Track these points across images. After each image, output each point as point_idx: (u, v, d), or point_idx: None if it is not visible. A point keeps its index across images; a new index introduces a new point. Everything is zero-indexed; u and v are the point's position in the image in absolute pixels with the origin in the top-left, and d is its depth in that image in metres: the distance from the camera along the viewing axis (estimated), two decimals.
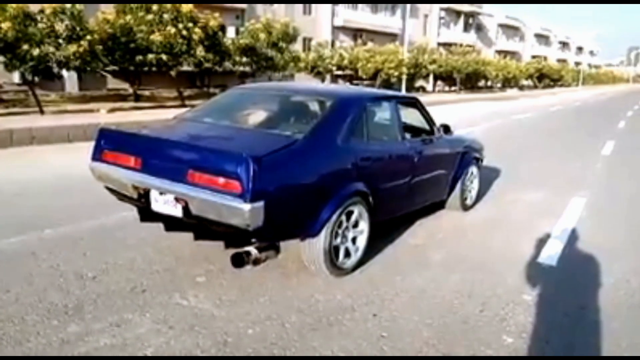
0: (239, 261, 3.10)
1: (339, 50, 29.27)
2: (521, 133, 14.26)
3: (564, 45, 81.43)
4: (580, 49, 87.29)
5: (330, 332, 2.91)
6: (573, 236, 4.86)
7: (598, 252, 4.39)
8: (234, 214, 2.87)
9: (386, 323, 3.04)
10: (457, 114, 17.46)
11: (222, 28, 20.10)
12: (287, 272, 3.68)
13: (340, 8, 34.48)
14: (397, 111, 4.42)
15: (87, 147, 3.93)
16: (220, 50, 16.93)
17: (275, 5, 29.22)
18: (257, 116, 4.12)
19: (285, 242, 3.52)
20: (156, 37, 14.00)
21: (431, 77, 39.43)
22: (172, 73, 15.87)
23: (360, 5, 36.83)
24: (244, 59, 19.29)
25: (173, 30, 14.26)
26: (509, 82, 48.48)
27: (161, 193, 3.22)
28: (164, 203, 3.24)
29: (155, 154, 3.30)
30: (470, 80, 40.31)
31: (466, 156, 5.48)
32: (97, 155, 3.61)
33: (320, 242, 3.38)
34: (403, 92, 25.17)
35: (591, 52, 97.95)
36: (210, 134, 3.67)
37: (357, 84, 32.95)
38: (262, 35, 18.54)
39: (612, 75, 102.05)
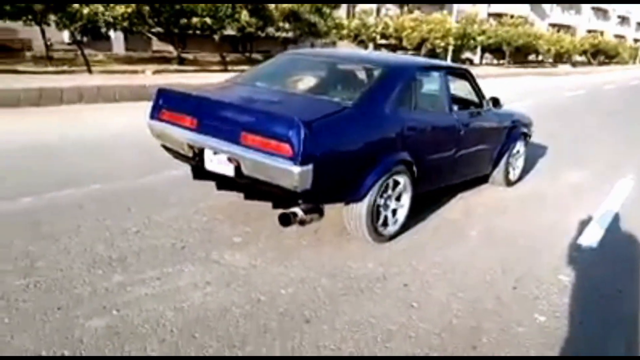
0: (286, 221, 3.19)
1: (384, 19, 28.56)
2: (571, 111, 13.67)
3: (623, 20, 76.39)
4: None
5: (361, 298, 2.96)
6: (617, 219, 4.70)
7: None
8: (284, 176, 2.97)
9: (417, 293, 3.06)
10: (504, 88, 16.86)
11: None
12: (322, 239, 3.74)
13: None
14: (447, 82, 4.41)
15: (134, 107, 4.04)
16: (263, 15, 16.83)
17: None
18: (306, 82, 4.23)
19: (330, 205, 3.55)
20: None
21: (479, 49, 38.03)
22: (216, 37, 15.94)
23: None
24: (287, 25, 19.15)
25: None
26: (561, 57, 46.18)
27: (215, 153, 3.36)
28: (217, 162, 3.38)
29: (211, 115, 3.40)
30: (520, 53, 38.61)
31: (514, 131, 5.39)
32: (155, 114, 3.73)
33: (363, 207, 3.48)
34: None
35: None
36: (262, 98, 3.77)
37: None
38: None
39: None
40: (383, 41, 30.59)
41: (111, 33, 15.18)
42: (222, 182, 3.55)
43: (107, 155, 5.52)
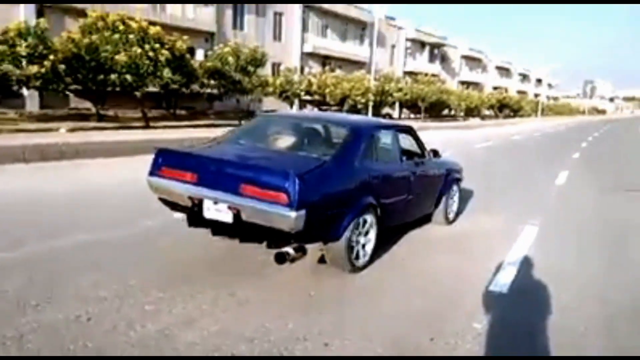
0: (281, 259, 3.75)
1: (308, 76, 29.65)
2: (481, 161, 14.68)
3: (524, 77, 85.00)
4: (539, 81, 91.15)
5: None
6: (525, 263, 4.98)
7: (548, 279, 4.52)
8: (282, 220, 3.52)
9: (337, 352, 3.02)
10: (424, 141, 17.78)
11: (191, 50, 20.15)
12: (241, 301, 3.64)
13: (310, 35, 35.09)
14: (397, 137, 5.28)
15: (41, 167, 3.83)
16: (187, 72, 16.91)
17: (245, 30, 29.52)
18: (285, 140, 4.92)
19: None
20: (121, 57, 13.88)
21: (397, 105, 40.32)
22: (137, 94, 15.70)
23: (329, 33, 37.60)
24: (212, 82, 19.32)
25: (139, 50, 14.18)
26: (471, 111, 50.07)
27: (215, 202, 3.81)
28: (215, 211, 3.83)
29: (210, 171, 3.92)
30: (435, 108, 41.39)
31: (449, 177, 6.34)
32: (155, 171, 4.19)
33: (342, 243, 4.06)
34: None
35: (549, 85, 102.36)
36: (252, 155, 4.39)
37: (325, 110, 33.39)
38: (231, 59, 18.66)
39: (569, 107, 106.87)
40: (307, 97, 31.60)
41: (24, 90, 14.49)
42: (218, 228, 3.98)
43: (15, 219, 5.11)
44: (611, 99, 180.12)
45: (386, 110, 39.40)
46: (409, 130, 5.71)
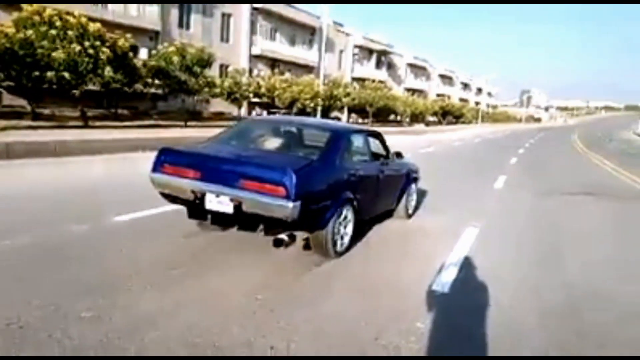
0: (279, 243, 4.51)
1: (256, 79, 29.44)
2: (424, 167, 15.08)
3: (466, 86, 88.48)
4: (479, 90, 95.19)
5: None
6: (466, 264, 5.16)
7: (487, 279, 4.71)
8: (280, 210, 4.09)
9: (283, 355, 3.01)
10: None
11: (134, 49, 19.52)
12: (182, 305, 3.54)
13: (259, 38, 34.88)
14: (367, 141, 6.05)
15: None
16: (130, 71, 16.34)
17: (192, 30, 28.93)
18: (273, 142, 5.51)
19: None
20: (58, 54, 13.21)
21: (346, 110, 40.84)
22: (76, 92, 14.99)
23: (277, 37, 37.55)
24: (156, 82, 18.78)
25: (78, 47, 13.56)
26: (416, 117, 51.56)
27: (217, 196, 4.29)
28: (217, 203, 4.31)
29: (212, 168, 4.42)
30: (382, 114, 42.29)
31: (410, 176, 7.15)
32: (157, 168, 4.64)
33: (327, 232, 4.65)
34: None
35: (489, 93, 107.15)
36: (248, 154, 4.90)
37: (274, 112, 33.28)
38: (176, 59, 18.22)
39: (507, 115, 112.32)
40: (256, 100, 31.38)
41: None
42: (218, 218, 4.52)
43: None
44: (546, 108, 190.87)
45: (335, 114, 39.81)
46: (377, 135, 6.49)
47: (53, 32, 13.48)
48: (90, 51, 13.92)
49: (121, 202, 6.48)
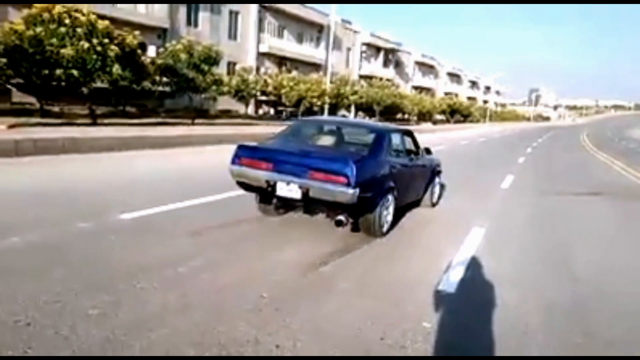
0: (339, 223, 5.32)
1: (264, 77, 29.46)
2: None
3: (474, 84, 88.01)
4: (488, 88, 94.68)
5: None
6: (472, 264, 5.14)
7: (493, 278, 4.69)
8: (342, 196, 4.93)
9: (289, 354, 3.01)
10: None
11: (142, 46, 19.57)
12: (190, 303, 3.55)
13: (266, 35, 34.90)
14: (403, 138, 6.90)
15: None
16: (138, 68, 16.39)
17: (200, 28, 29.01)
18: (325, 139, 6.42)
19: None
20: (67, 51, 13.28)
21: (353, 107, 40.75)
22: (84, 90, 15.07)
23: (285, 34, 37.54)
24: (164, 79, 18.82)
25: (87, 45, 13.62)
26: (423, 116, 51.33)
27: (287, 184, 5.18)
28: (287, 190, 5.21)
29: (282, 161, 5.30)
30: (389, 112, 42.16)
31: (435, 170, 7.98)
32: (235, 161, 5.56)
33: (375, 215, 5.54)
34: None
35: (497, 92, 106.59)
36: (309, 150, 5.83)
37: (281, 111, 33.30)
38: (183, 56, 18.24)
39: (516, 113, 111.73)
40: (263, 97, 31.41)
41: None
42: (286, 202, 5.63)
43: None
44: (555, 107, 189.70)
45: (342, 112, 39.75)
46: (410, 133, 7.31)
47: (62, 29, 13.54)
48: (99, 48, 13.97)
49: (125, 201, 6.50)
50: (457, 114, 61.32)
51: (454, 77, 76.65)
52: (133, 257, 4.39)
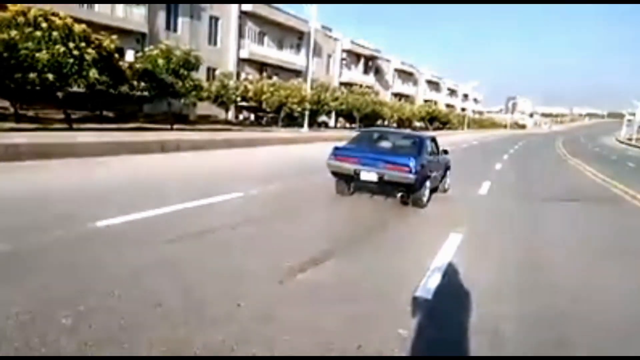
0: (405, 201, 8.49)
1: (244, 82, 29.38)
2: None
3: (452, 92, 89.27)
4: (466, 96, 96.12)
5: None
6: (449, 270, 5.19)
7: (469, 284, 4.74)
8: (406, 179, 7.74)
9: None
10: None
11: (120, 51, 19.36)
12: (168, 312, 3.51)
13: (247, 41, 34.85)
14: (432, 142, 9.52)
15: None
16: (115, 73, 16.19)
17: (179, 32, 28.81)
18: (384, 143, 8.99)
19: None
20: (42, 55, 13.04)
21: (333, 114, 40.91)
22: (59, 94, 14.81)
23: (266, 40, 37.54)
24: (142, 84, 18.61)
25: (63, 49, 13.39)
26: (403, 123, 51.81)
27: (368, 172, 7.95)
28: (368, 176, 7.97)
29: (364, 157, 8.14)
30: (369, 119, 42.43)
31: (448, 165, 10.99)
32: (332, 158, 8.39)
33: (421, 193, 8.42)
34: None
35: (475, 100, 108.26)
36: (380, 150, 8.52)
37: (262, 116, 33.22)
38: (161, 61, 18.07)
39: (493, 121, 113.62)
40: (244, 103, 31.30)
41: None
42: (366, 184, 8.27)
43: None
44: (531, 115, 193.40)
45: (323, 118, 39.88)
46: (435, 139, 10.01)
47: (38, 33, 13.29)
48: (75, 52, 13.75)
49: (99, 208, 6.40)
50: (436, 121, 62.08)
51: (433, 84, 77.63)
52: (108, 266, 4.31)
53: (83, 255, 4.54)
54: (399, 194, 8.53)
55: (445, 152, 10.62)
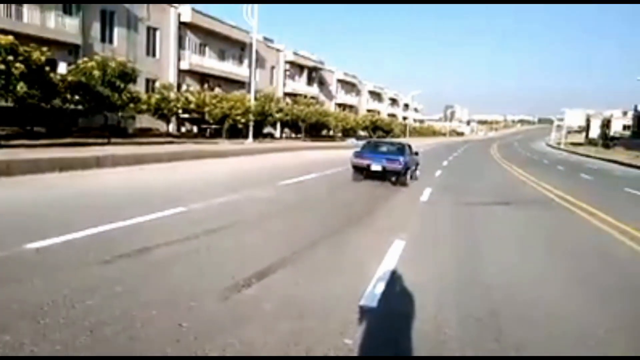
0: (400, 182, 14.44)
1: (185, 94, 28.80)
2: (353, 182, 15.41)
3: (394, 101, 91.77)
4: (406, 105, 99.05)
5: None
6: (393, 277, 5.26)
7: (413, 290, 4.84)
8: (398, 169, 14.17)
9: None
10: (312, 158, 18.11)
11: (52, 63, 18.49)
12: (100, 339, 3.34)
13: (187, 52, 34.24)
14: (409, 146, 16.18)
15: None
16: (46, 86, 15.40)
17: (115, 44, 27.88)
18: (382, 148, 15.70)
19: None
20: None
21: (278, 125, 40.88)
22: None
23: (207, 51, 37.05)
24: (76, 97, 17.81)
25: None
26: (347, 132, 52.60)
27: (375, 165, 14.19)
28: (375, 167, 14.19)
29: (373, 156, 14.65)
30: (315, 129, 42.78)
31: (418, 162, 17.43)
32: (354, 157, 14.80)
33: (406, 177, 14.74)
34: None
35: (415, 109, 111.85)
36: (381, 153, 15.02)
37: (205, 128, 32.62)
38: (96, 73, 17.39)
39: (433, 129, 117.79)
40: (186, 115, 30.67)
41: None
42: (372, 174, 14.43)
43: None
44: (468, 122, 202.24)
45: (268, 129, 39.75)
46: (411, 146, 16.37)
47: None
48: (1, 66, 12.97)
49: (29, 229, 6.04)
50: (379, 130, 63.47)
51: (375, 95, 79.47)
52: (39, 291, 4.06)
53: (11, 279, 4.24)
54: (393, 178, 14.08)
55: (416, 153, 16.74)
